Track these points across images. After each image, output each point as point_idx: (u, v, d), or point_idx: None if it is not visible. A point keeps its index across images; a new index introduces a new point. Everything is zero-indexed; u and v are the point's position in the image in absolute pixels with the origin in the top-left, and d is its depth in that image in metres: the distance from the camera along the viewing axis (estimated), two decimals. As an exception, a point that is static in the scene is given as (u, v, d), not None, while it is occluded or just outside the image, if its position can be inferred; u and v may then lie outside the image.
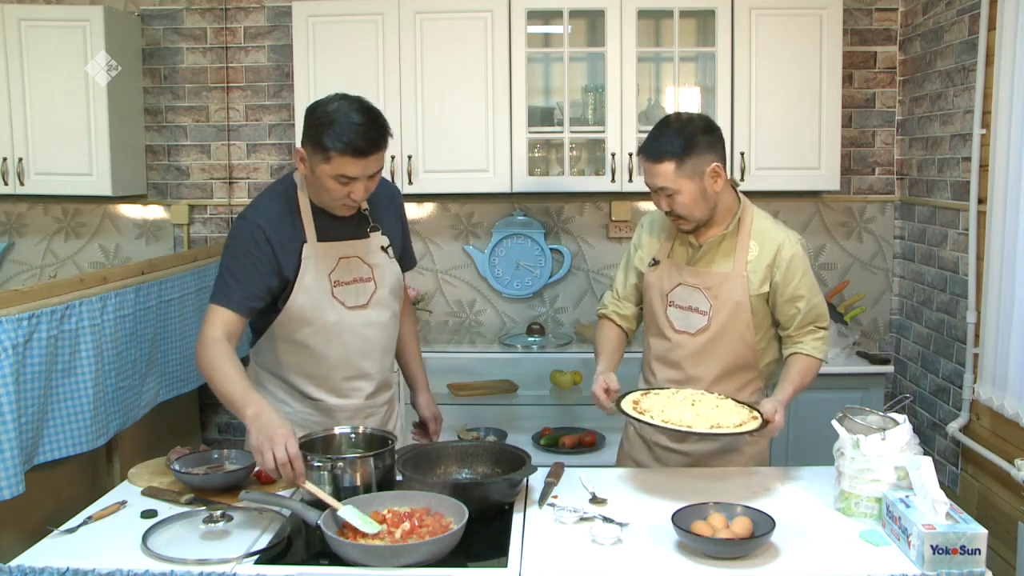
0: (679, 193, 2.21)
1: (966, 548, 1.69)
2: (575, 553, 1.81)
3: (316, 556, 1.82)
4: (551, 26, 3.86)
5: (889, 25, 3.93)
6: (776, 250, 2.28)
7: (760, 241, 2.30)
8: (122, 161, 3.87)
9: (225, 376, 2.03)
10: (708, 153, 2.21)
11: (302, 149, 2.13)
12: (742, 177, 3.65)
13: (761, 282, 2.28)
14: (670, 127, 2.24)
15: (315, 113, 2.11)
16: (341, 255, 2.26)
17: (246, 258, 2.16)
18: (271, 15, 4.07)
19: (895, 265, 4.01)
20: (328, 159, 2.07)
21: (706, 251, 2.32)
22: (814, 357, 2.31)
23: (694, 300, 2.32)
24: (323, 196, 2.18)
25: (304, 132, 2.13)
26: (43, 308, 2.45)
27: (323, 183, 2.12)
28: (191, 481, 2.13)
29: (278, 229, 2.19)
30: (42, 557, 1.79)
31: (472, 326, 4.12)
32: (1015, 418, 2.76)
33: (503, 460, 2.15)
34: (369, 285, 2.30)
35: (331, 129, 2.05)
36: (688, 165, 2.19)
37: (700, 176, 2.20)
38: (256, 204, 2.26)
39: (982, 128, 3.10)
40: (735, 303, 2.28)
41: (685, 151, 2.18)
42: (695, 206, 2.23)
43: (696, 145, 2.19)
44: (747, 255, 2.29)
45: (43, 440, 2.50)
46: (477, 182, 3.72)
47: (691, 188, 2.20)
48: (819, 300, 2.32)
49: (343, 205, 2.18)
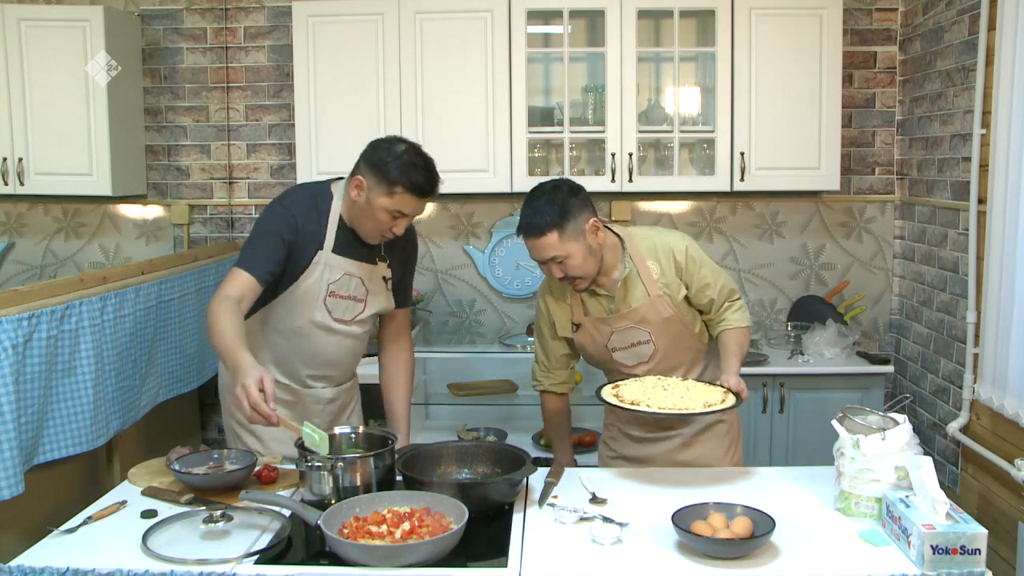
0: (569, 257, 2.30)
1: (966, 548, 1.69)
2: (575, 553, 1.81)
3: (316, 556, 1.82)
4: (551, 26, 3.85)
5: (889, 25, 3.93)
6: (671, 256, 2.40)
7: (655, 257, 2.40)
8: (122, 161, 3.87)
9: (222, 330, 2.11)
10: (582, 212, 2.30)
11: (362, 178, 2.29)
12: (742, 177, 3.65)
13: (677, 289, 2.40)
14: (541, 200, 2.30)
15: (384, 150, 2.29)
16: (346, 271, 2.40)
17: (272, 234, 2.30)
18: (271, 15, 4.07)
19: (895, 265, 4.01)
20: (391, 193, 2.26)
21: (619, 296, 2.41)
22: (740, 327, 2.43)
23: (632, 337, 2.43)
24: (367, 223, 2.33)
25: (368, 164, 2.29)
26: (43, 308, 2.45)
27: (375, 213, 2.29)
28: (191, 481, 2.13)
29: (305, 226, 2.34)
30: (42, 557, 1.79)
31: (472, 326, 4.12)
32: (1015, 418, 2.76)
33: (503, 460, 2.15)
34: (359, 305, 2.45)
35: (402, 168, 2.25)
36: (569, 229, 2.28)
37: (582, 235, 2.30)
38: (293, 197, 2.40)
39: (982, 128, 3.10)
40: (666, 319, 2.40)
41: (562, 217, 2.27)
42: (586, 264, 2.32)
43: (570, 208, 2.28)
44: (652, 276, 2.39)
45: (43, 440, 2.50)
46: (477, 182, 3.72)
47: (578, 249, 2.29)
48: (723, 280, 2.45)
49: (381, 235, 2.36)
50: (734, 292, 2.46)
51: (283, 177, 4.13)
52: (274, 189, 4.15)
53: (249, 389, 1.96)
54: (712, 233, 4.04)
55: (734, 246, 4.04)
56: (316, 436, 2.03)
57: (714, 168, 3.68)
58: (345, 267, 2.39)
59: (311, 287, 2.37)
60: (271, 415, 1.96)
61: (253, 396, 1.95)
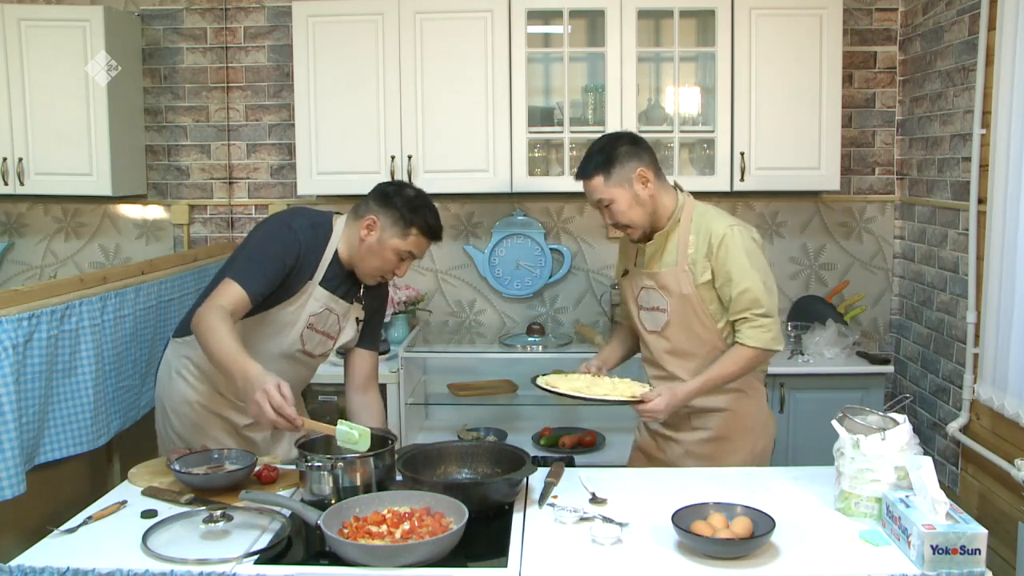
0: (614, 202, 2.40)
1: (966, 548, 1.69)
2: (575, 553, 1.81)
3: (316, 556, 1.82)
4: (551, 26, 3.85)
5: (889, 25, 3.93)
6: (708, 237, 2.40)
7: (697, 232, 2.42)
8: (122, 161, 3.87)
9: (221, 338, 2.07)
10: (631, 160, 2.39)
11: (375, 218, 2.34)
12: (742, 177, 3.65)
13: (703, 271, 2.39)
14: (595, 147, 2.45)
15: (396, 194, 2.37)
16: (328, 306, 2.42)
17: (275, 257, 2.29)
18: (271, 15, 4.07)
19: (895, 265, 4.01)
20: (406, 235, 2.34)
21: (652, 252, 2.46)
22: (746, 346, 2.36)
23: (654, 300, 2.47)
24: (372, 262, 2.38)
25: (381, 206, 2.35)
26: (43, 308, 2.45)
27: (384, 253, 2.35)
28: (191, 481, 2.13)
29: (306, 255, 2.35)
30: (42, 557, 1.79)
31: (472, 326, 4.12)
32: (1015, 418, 2.76)
33: (503, 460, 2.15)
34: (330, 342, 2.50)
35: (420, 211, 2.35)
36: (615, 175, 2.38)
37: (628, 183, 2.38)
38: (300, 223, 2.37)
39: (982, 128, 3.10)
40: (683, 296, 2.41)
41: (608, 163, 2.38)
42: (632, 212, 2.40)
43: (618, 156, 2.39)
44: (688, 249, 2.42)
45: (43, 440, 2.50)
46: (477, 182, 3.72)
47: (623, 195, 2.39)
48: (750, 285, 2.35)
49: (382, 276, 2.42)
50: (757, 304, 2.33)
51: (283, 177, 4.13)
52: (274, 189, 4.15)
53: (272, 393, 1.92)
54: (712, 233, 4.04)
55: (734, 246, 4.04)
56: (355, 432, 2.01)
57: (714, 168, 3.68)
58: (328, 302, 2.41)
59: (291, 315, 2.37)
60: (296, 418, 1.95)
61: (277, 400, 1.92)
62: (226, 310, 2.14)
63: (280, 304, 2.35)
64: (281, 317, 2.37)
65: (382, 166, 3.71)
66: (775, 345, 2.36)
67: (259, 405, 1.93)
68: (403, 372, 3.52)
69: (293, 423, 1.95)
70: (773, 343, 2.35)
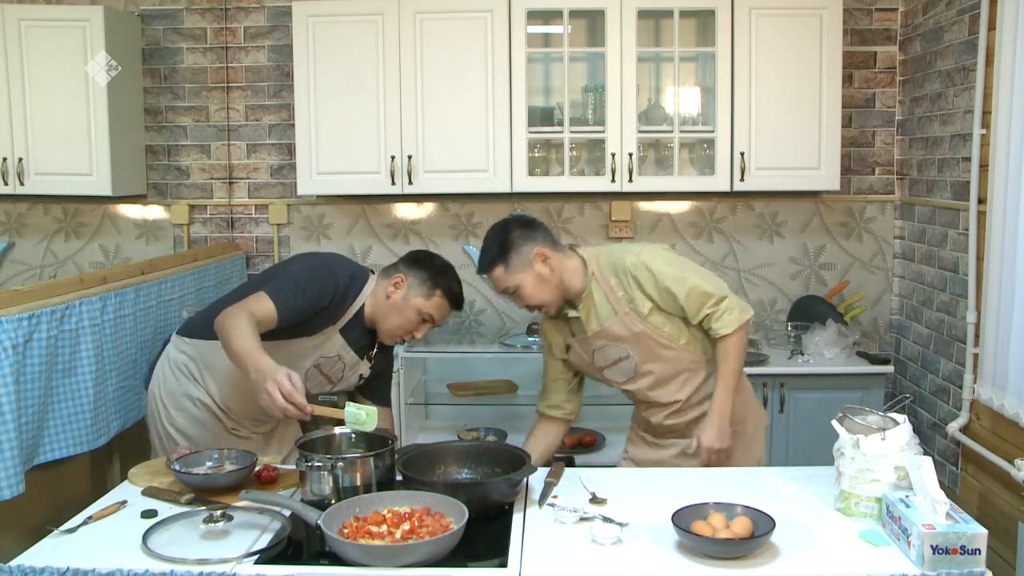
0: (520, 287, 2.38)
1: (966, 548, 1.69)
2: (575, 553, 1.81)
3: (316, 556, 1.82)
4: (551, 26, 3.85)
5: (889, 25, 3.93)
6: (627, 272, 2.39)
7: (618, 276, 2.41)
8: (122, 161, 3.87)
9: (242, 336, 2.12)
10: (526, 244, 2.38)
11: (403, 277, 2.43)
12: (742, 177, 3.65)
13: (642, 302, 2.39)
14: (488, 239, 2.43)
15: (427, 260, 2.47)
16: (339, 354, 2.47)
17: (313, 293, 2.34)
18: (271, 15, 4.07)
19: (895, 265, 4.01)
20: (430, 296, 2.42)
21: (585, 317, 2.43)
22: (727, 333, 2.35)
23: (612, 354, 2.45)
24: (394, 319, 2.43)
25: (414, 265, 2.45)
26: (43, 308, 2.45)
27: (407, 311, 2.42)
28: (191, 481, 2.13)
29: (339, 302, 2.41)
30: (42, 557, 1.79)
31: (472, 326, 4.12)
32: (1015, 418, 2.76)
33: (503, 460, 2.15)
34: (328, 387, 2.55)
35: (446, 276, 2.45)
36: (513, 262, 2.38)
37: (529, 265, 2.37)
38: (343, 270, 2.44)
39: (982, 128, 3.10)
40: (638, 334, 2.40)
41: (504, 252, 2.38)
42: (540, 291, 2.39)
43: (512, 243, 2.38)
44: (617, 293, 2.40)
45: (43, 440, 2.50)
46: (477, 182, 3.72)
47: (527, 279, 2.38)
48: (690, 284, 2.35)
49: (400, 336, 2.47)
50: (709, 296, 2.34)
51: (283, 177, 4.13)
52: (274, 189, 4.15)
53: (281, 382, 1.97)
54: (712, 233, 4.04)
55: (734, 246, 4.04)
56: (363, 413, 2.04)
57: (714, 168, 3.68)
58: (341, 350, 2.46)
59: (304, 350, 2.41)
60: (305, 405, 1.99)
61: (287, 387, 1.96)
62: (255, 316, 2.19)
63: (298, 338, 2.39)
64: (294, 350, 2.39)
65: (382, 166, 3.71)
66: (745, 315, 2.37)
67: (270, 394, 1.97)
68: (403, 372, 3.53)
69: (303, 410, 1.99)
70: (743, 315, 2.36)
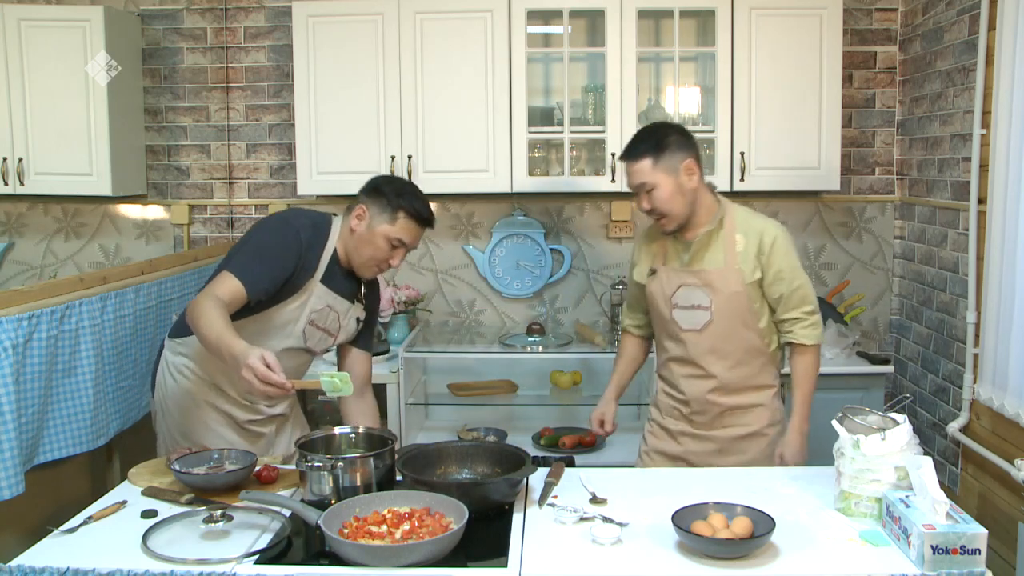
0: (657, 188, 2.39)
1: (966, 548, 1.69)
2: (575, 553, 1.81)
3: (316, 556, 1.82)
4: (551, 26, 3.85)
5: (889, 25, 3.93)
6: (760, 237, 2.43)
7: (745, 232, 2.45)
8: (122, 161, 3.87)
9: (210, 322, 2.09)
10: (681, 151, 2.41)
11: (364, 208, 2.38)
12: (742, 177, 3.65)
13: (752, 270, 2.42)
14: (645, 131, 2.48)
15: (385, 183, 2.42)
16: (328, 303, 2.44)
17: (278, 255, 2.31)
18: (271, 15, 4.07)
19: (895, 265, 4.01)
20: (394, 220, 2.36)
21: (697, 249, 2.46)
22: (806, 345, 2.46)
23: (695, 298, 2.45)
24: (365, 251, 2.38)
25: (372, 193, 2.39)
26: (43, 308, 2.45)
27: (375, 240, 2.36)
28: (191, 481, 2.12)
29: (307, 254, 2.37)
30: (42, 557, 1.78)
31: (472, 326, 4.12)
32: (1015, 418, 2.76)
33: (503, 460, 2.15)
34: (330, 339, 2.51)
35: (407, 197, 2.37)
36: (663, 161, 2.39)
37: (675, 172, 2.40)
38: (300, 221, 2.39)
39: (982, 128, 3.10)
40: (732, 293, 2.42)
41: (659, 148, 2.39)
42: (673, 201, 2.40)
43: (668, 144, 2.40)
44: (735, 247, 2.43)
45: (43, 440, 2.50)
46: (477, 182, 3.72)
47: (668, 183, 2.39)
48: (801, 282, 2.46)
49: (376, 267, 2.42)
50: (806, 301, 2.45)
51: (283, 177, 4.13)
52: (274, 189, 4.15)
53: (255, 365, 1.95)
54: (712, 233, 4.04)
55: (734, 246, 4.04)
56: (337, 380, 2.04)
57: (714, 168, 3.68)
58: (328, 299, 2.43)
59: (293, 312, 2.39)
60: (284, 383, 1.97)
61: (262, 371, 1.95)
62: (221, 300, 2.17)
63: (283, 302, 2.37)
64: (284, 315, 2.38)
65: (382, 166, 3.71)
66: (822, 339, 2.50)
67: (247, 380, 1.97)
68: (403, 372, 3.52)
69: (283, 387, 1.97)
70: (820, 338, 2.49)
